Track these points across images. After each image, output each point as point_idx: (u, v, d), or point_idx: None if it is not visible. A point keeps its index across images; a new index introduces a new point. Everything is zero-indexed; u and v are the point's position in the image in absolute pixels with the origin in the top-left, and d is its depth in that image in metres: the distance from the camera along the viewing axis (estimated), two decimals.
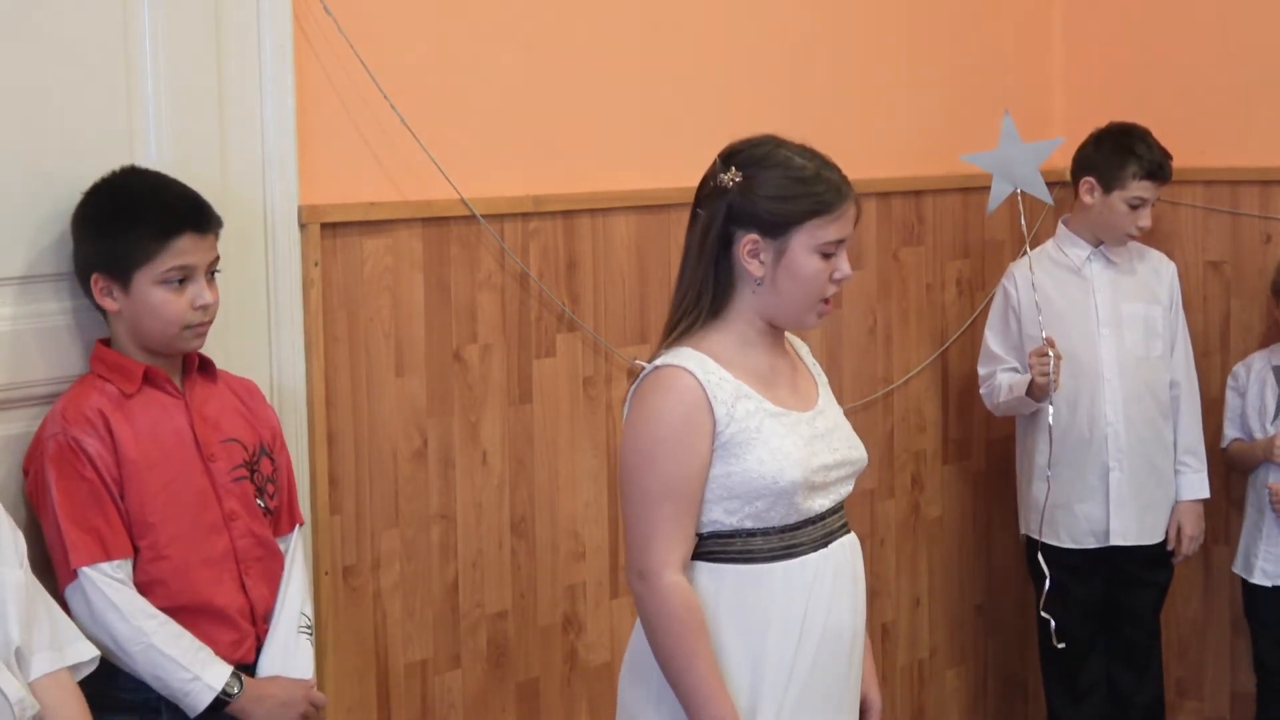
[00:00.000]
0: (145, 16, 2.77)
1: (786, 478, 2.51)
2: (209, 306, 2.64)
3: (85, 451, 2.55)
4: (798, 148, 2.57)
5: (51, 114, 2.67)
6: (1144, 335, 4.16)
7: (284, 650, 2.74)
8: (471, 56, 3.30)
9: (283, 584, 2.78)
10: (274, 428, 2.83)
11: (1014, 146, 3.84)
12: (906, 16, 4.27)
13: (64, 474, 2.54)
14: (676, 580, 2.49)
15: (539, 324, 3.45)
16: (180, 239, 2.60)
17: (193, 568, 2.63)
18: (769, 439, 2.52)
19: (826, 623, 2.56)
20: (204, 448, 2.67)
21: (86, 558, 2.53)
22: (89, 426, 2.56)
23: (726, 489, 2.52)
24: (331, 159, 3.08)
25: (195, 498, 2.65)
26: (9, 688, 2.28)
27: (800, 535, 2.56)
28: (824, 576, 2.57)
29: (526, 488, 3.45)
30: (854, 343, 4.15)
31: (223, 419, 2.73)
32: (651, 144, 3.64)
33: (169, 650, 2.56)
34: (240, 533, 2.70)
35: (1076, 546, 4.16)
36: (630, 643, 2.66)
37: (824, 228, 2.53)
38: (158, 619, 2.57)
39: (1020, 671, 4.73)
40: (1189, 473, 4.20)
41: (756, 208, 2.51)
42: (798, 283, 2.54)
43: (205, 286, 2.63)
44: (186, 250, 2.61)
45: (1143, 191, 4.09)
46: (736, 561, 2.54)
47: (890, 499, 4.29)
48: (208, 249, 2.65)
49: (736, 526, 2.54)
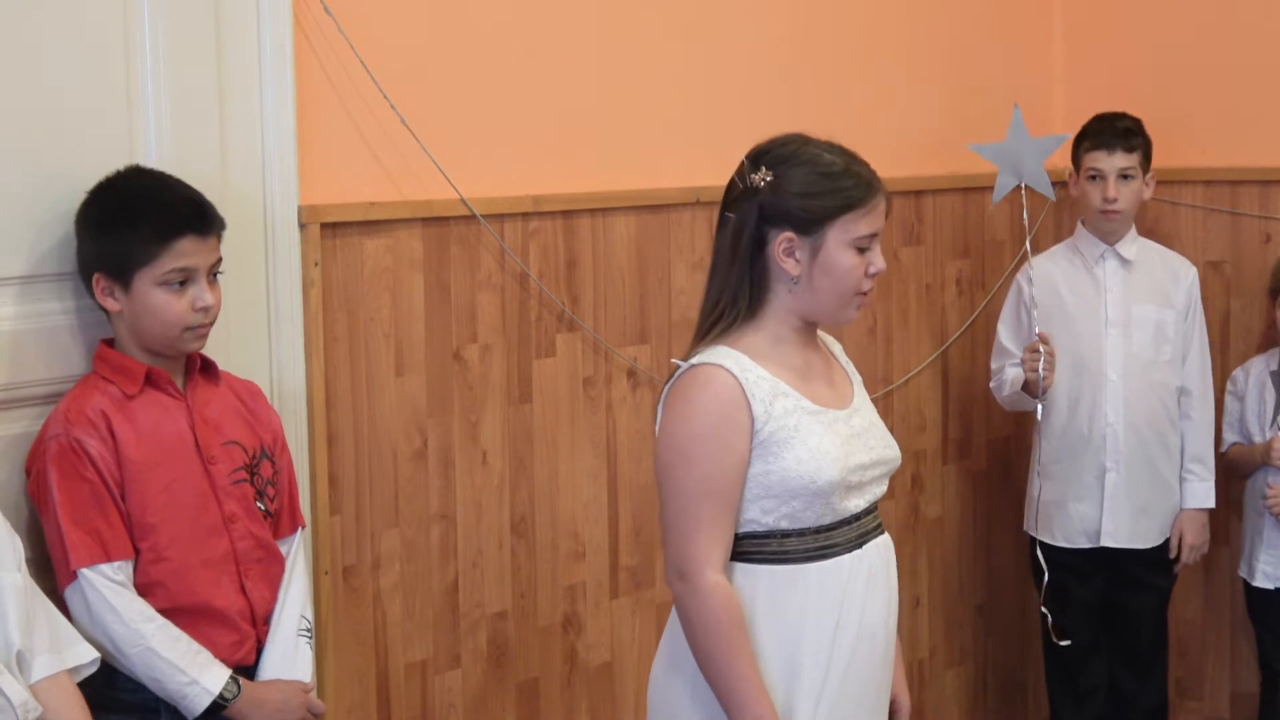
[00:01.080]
0: (145, 16, 2.76)
1: (824, 477, 2.50)
2: (210, 308, 2.64)
3: (87, 452, 2.55)
4: (825, 144, 2.58)
5: (52, 114, 2.66)
6: (1153, 338, 4.14)
7: (284, 654, 2.74)
8: (471, 56, 3.30)
9: (283, 587, 2.78)
10: (275, 430, 2.83)
11: (1021, 140, 3.85)
12: (907, 16, 4.27)
13: (66, 475, 2.54)
14: (717, 579, 2.48)
15: (539, 324, 3.45)
16: (181, 240, 2.59)
17: (192, 569, 2.63)
18: (807, 438, 2.51)
19: (861, 623, 2.56)
20: (205, 450, 2.67)
21: (87, 559, 2.53)
22: (91, 427, 2.56)
23: (764, 488, 2.51)
24: (331, 159, 3.08)
25: (195, 500, 2.65)
26: (11, 691, 2.28)
27: (835, 536, 2.56)
28: (858, 577, 2.57)
29: (526, 488, 3.45)
30: (854, 343, 4.14)
31: (224, 421, 2.73)
32: (651, 144, 3.64)
33: (166, 653, 2.56)
34: (240, 535, 2.70)
35: (1070, 545, 4.16)
36: (663, 642, 2.65)
37: (857, 222, 2.53)
38: (155, 622, 2.56)
39: (1020, 671, 4.74)
40: (1195, 481, 4.18)
41: (789, 205, 2.51)
42: (834, 278, 2.54)
43: (206, 288, 2.63)
44: (187, 252, 2.60)
45: (1094, 162, 4.08)
46: (771, 562, 2.54)
47: (890, 499, 4.29)
48: (209, 251, 2.64)
49: (772, 527, 2.53)
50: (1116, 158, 4.08)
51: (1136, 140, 4.10)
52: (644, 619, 3.66)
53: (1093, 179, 4.10)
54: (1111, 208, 4.07)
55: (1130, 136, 4.10)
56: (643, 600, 3.66)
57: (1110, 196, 4.06)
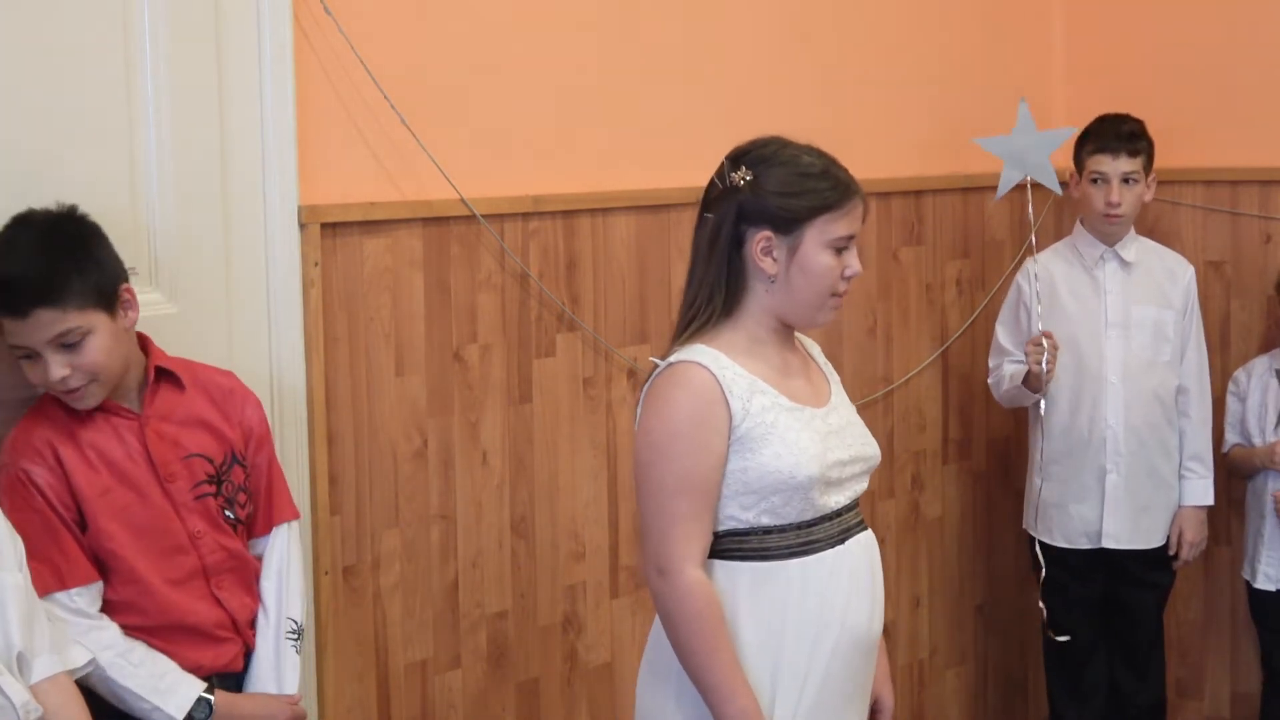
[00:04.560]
0: (145, 16, 2.76)
1: (803, 472, 2.51)
2: (60, 381, 2.48)
3: (35, 483, 2.50)
4: (804, 147, 2.60)
5: (51, 114, 2.66)
6: (1153, 339, 4.14)
7: (269, 663, 2.71)
8: (471, 56, 3.30)
9: (263, 589, 2.74)
10: (249, 426, 2.75)
11: (1027, 134, 3.85)
12: (907, 16, 4.26)
13: (15, 506, 2.49)
14: (696, 576, 2.49)
15: (539, 324, 3.45)
16: (1, 319, 2.48)
17: (161, 590, 2.59)
18: (785, 433, 2.52)
19: (844, 620, 2.56)
20: (162, 468, 2.61)
21: (41, 589, 2.46)
22: (37, 457, 2.52)
23: (743, 484, 2.52)
24: (331, 159, 3.08)
25: (154, 521, 2.59)
26: (13, 691, 2.28)
27: (817, 532, 2.56)
28: (841, 573, 2.57)
29: (526, 488, 3.45)
30: (854, 343, 4.15)
31: (184, 434, 2.65)
32: (651, 144, 3.64)
33: (125, 682, 2.52)
34: (209, 549, 2.65)
35: (1070, 546, 4.16)
36: (648, 643, 2.65)
37: (834, 223, 2.55)
38: (115, 648, 2.53)
39: (1020, 671, 4.73)
40: (1194, 478, 4.18)
41: (767, 204, 2.53)
42: (810, 278, 2.55)
43: (50, 363, 2.47)
44: (11, 331, 2.48)
45: (1098, 165, 4.07)
46: (752, 559, 2.54)
47: (890, 499, 4.29)
48: (36, 329, 2.46)
49: (753, 523, 2.53)
50: (1121, 162, 4.07)
51: (1140, 144, 4.10)
52: (644, 619, 3.66)
53: (1095, 182, 4.09)
54: (1114, 212, 4.07)
55: (1134, 140, 4.09)
56: (643, 600, 3.66)
57: (1114, 201, 4.06)
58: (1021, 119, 3.84)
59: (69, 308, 2.47)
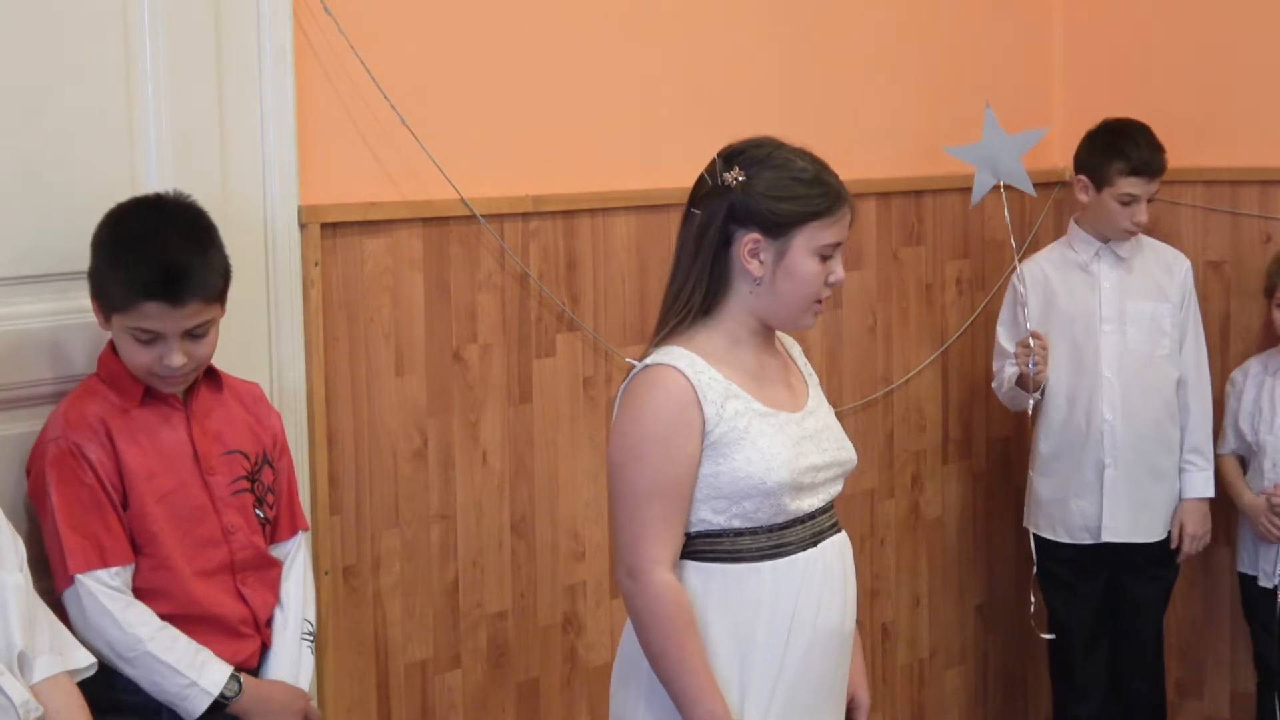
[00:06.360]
0: (145, 17, 2.76)
1: (774, 478, 2.52)
2: (177, 368, 2.56)
3: (86, 457, 2.54)
4: (797, 150, 2.59)
5: (52, 114, 2.66)
6: (1150, 333, 4.14)
7: (289, 660, 2.74)
8: (471, 56, 3.30)
9: (284, 589, 2.77)
10: (275, 432, 2.81)
11: (997, 138, 3.84)
12: (906, 16, 4.26)
13: (64, 479, 2.53)
14: (667, 578, 2.50)
15: (539, 324, 3.45)
16: (148, 304, 2.52)
17: (191, 579, 2.62)
18: (757, 439, 2.53)
19: (816, 621, 2.56)
20: (204, 461, 2.66)
21: (83, 564, 2.52)
22: (90, 433, 2.55)
23: (714, 488, 2.52)
24: (331, 159, 3.08)
25: (192, 512, 2.63)
26: (13, 691, 2.28)
27: (789, 535, 2.57)
28: (813, 575, 2.57)
29: (526, 488, 3.45)
30: (854, 343, 4.15)
31: (225, 430, 2.71)
32: (651, 144, 3.64)
33: (163, 656, 2.55)
34: (240, 545, 2.69)
35: (1072, 541, 4.16)
36: (621, 643, 2.66)
37: (824, 230, 2.55)
38: (152, 625, 2.56)
39: (1020, 671, 4.74)
40: (1194, 471, 4.18)
41: (759, 206, 2.53)
42: (796, 284, 2.55)
43: (175, 349, 2.54)
44: (152, 315, 2.53)
45: (1130, 188, 4.07)
46: (724, 560, 2.55)
47: (890, 499, 4.30)
48: (182, 318, 2.54)
49: (724, 526, 2.54)
50: (1153, 185, 4.09)
51: (1164, 159, 4.11)
52: None
53: (1125, 203, 4.08)
54: (1140, 230, 4.10)
55: (1161, 157, 4.09)
56: None
57: (1142, 221, 4.09)
58: (988, 125, 3.82)
59: (213, 301, 2.59)
